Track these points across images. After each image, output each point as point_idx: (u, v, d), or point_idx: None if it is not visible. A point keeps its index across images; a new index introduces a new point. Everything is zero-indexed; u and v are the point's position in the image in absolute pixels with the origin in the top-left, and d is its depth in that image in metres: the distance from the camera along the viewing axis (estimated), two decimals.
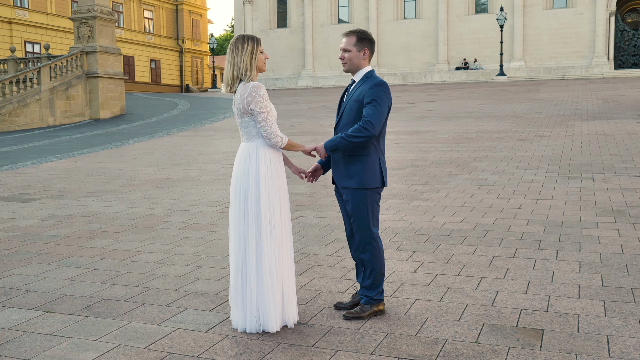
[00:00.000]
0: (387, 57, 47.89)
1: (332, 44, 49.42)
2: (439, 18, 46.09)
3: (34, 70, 24.05)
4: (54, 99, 24.51)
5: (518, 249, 5.53)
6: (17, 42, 38.37)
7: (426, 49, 46.91)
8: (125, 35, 48.69)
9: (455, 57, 46.10)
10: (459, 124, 18.11)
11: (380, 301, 3.95)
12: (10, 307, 4.32)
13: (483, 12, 45.66)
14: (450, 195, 8.37)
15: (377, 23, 48.06)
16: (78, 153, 15.36)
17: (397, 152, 12.99)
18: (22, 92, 23.62)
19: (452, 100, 26.42)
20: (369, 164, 3.82)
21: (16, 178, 11.48)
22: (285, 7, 51.50)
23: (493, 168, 10.57)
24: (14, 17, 38.43)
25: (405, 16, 48.01)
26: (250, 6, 52.16)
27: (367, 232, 3.89)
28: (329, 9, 49.85)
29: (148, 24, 52.03)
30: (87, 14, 25.51)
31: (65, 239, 6.48)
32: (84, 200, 8.85)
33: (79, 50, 25.54)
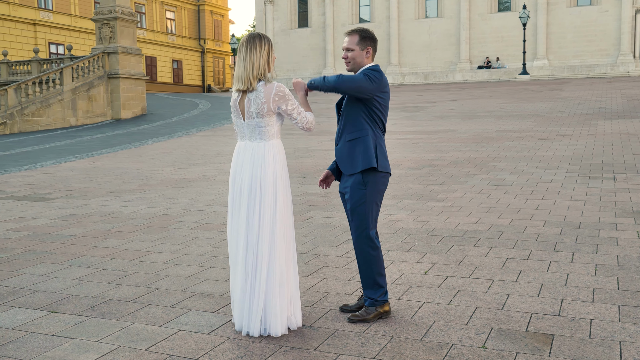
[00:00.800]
0: (409, 56, 47.66)
1: None
2: (461, 16, 45.74)
3: (57, 71, 24.32)
4: (76, 99, 24.75)
5: (533, 251, 5.40)
6: (41, 44, 38.87)
7: (448, 48, 46.58)
8: (148, 36, 49.08)
9: (478, 56, 45.70)
10: (479, 123, 17.91)
11: (385, 302, 3.87)
12: (17, 306, 4.32)
13: (506, 10, 45.21)
14: (467, 196, 8.24)
15: (398, 22, 47.85)
16: (97, 153, 15.47)
17: (415, 152, 12.86)
18: (45, 92, 23.91)
19: (473, 100, 26.16)
20: (367, 144, 3.76)
21: (35, 178, 11.58)
22: (306, 7, 51.51)
23: (512, 168, 10.40)
24: (38, 18, 38.93)
25: (427, 15, 47.72)
26: (271, 6, 52.26)
27: (364, 233, 3.81)
28: (350, 9, 49.75)
29: (170, 24, 52.38)
30: (108, 15, 25.73)
31: (77, 238, 6.49)
32: (100, 200, 8.88)
33: (101, 51, 25.76)
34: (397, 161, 11.75)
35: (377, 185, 3.82)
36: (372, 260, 3.82)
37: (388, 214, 7.25)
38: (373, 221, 3.83)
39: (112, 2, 25.84)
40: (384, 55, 48.30)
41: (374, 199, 3.81)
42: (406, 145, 13.99)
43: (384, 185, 3.86)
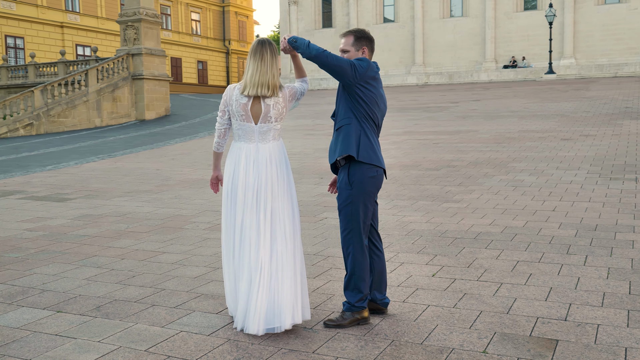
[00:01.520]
0: (433, 56, 47.34)
1: (378, 44, 49.09)
2: (486, 15, 45.29)
3: (82, 73, 24.64)
4: (100, 100, 25.06)
5: (545, 254, 5.31)
6: (68, 46, 39.45)
7: (473, 48, 46.15)
8: (173, 37, 49.51)
9: (503, 55, 45.20)
10: (502, 123, 17.71)
11: (363, 308, 3.79)
12: (24, 306, 4.37)
13: (532, 8, 44.64)
14: (484, 197, 8.14)
15: (422, 22, 47.56)
16: (120, 153, 15.63)
17: (434, 153, 12.76)
18: (71, 94, 24.25)
19: (497, 99, 25.89)
20: (349, 131, 3.71)
21: (57, 178, 11.74)
22: (330, 7, 51.47)
23: (532, 169, 10.26)
24: (65, 21, 39.52)
25: (452, 14, 47.36)
26: (295, 7, 52.33)
27: (350, 234, 3.75)
28: (374, 8, 49.59)
29: (195, 25, 52.78)
30: (133, 17, 26.00)
31: (91, 238, 6.56)
32: (117, 200, 8.97)
33: (125, 52, 26.04)
34: (416, 162, 11.67)
35: (364, 185, 3.71)
36: (356, 263, 3.76)
37: (402, 215, 7.20)
38: (362, 223, 3.74)
39: (137, 4, 26.11)
40: (408, 55, 48.07)
41: (361, 199, 3.72)
42: (426, 146, 13.89)
43: (373, 185, 3.75)
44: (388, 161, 11.92)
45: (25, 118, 23.09)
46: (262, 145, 3.77)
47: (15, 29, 36.55)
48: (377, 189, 3.82)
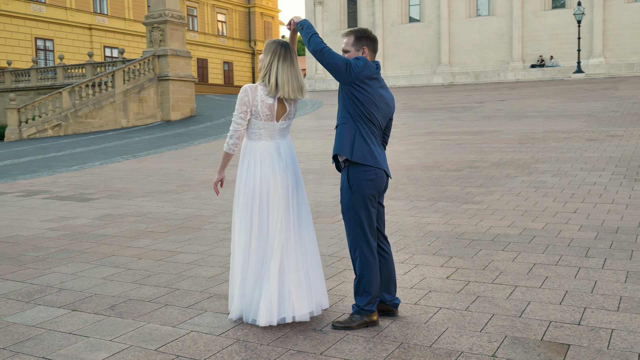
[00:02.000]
0: (459, 55, 46.99)
1: (403, 44, 48.97)
2: (513, 14, 44.81)
3: (109, 74, 24.97)
4: (127, 101, 25.37)
5: (563, 256, 5.24)
6: (96, 47, 40.02)
7: (500, 47, 45.71)
8: (199, 38, 49.92)
9: (531, 54, 44.69)
10: (527, 123, 17.50)
11: (372, 312, 3.76)
12: (41, 304, 4.44)
13: (560, 7, 44.06)
14: (504, 198, 8.06)
15: (448, 21, 47.24)
16: (144, 154, 15.81)
17: (457, 153, 12.67)
18: (98, 95, 24.59)
19: (523, 99, 25.60)
20: (343, 130, 3.71)
21: (81, 178, 11.91)
22: (355, 7, 51.42)
23: (555, 170, 10.12)
24: (94, 23, 40.10)
25: (478, 13, 46.96)
26: (320, 7, 52.39)
27: (355, 239, 3.74)
28: (400, 8, 49.40)
29: (221, 26, 53.16)
30: (158, 19, 26.27)
31: (110, 238, 6.64)
32: (139, 200, 9.07)
33: (151, 53, 26.33)
34: (437, 162, 11.59)
35: (363, 189, 3.67)
36: (364, 266, 3.74)
37: (420, 217, 7.16)
38: (366, 227, 3.72)
39: (163, 5, 26.39)
40: (434, 55, 47.79)
41: (362, 203, 3.69)
42: (449, 147, 13.80)
43: (373, 189, 3.70)
44: (410, 162, 11.87)
45: (54, 119, 23.48)
46: (281, 142, 3.92)
47: (45, 31, 37.19)
48: (378, 192, 3.77)
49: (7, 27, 35.13)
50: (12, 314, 4.24)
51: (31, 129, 23.04)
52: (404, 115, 22.16)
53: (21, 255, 5.95)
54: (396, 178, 10.11)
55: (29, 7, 36.33)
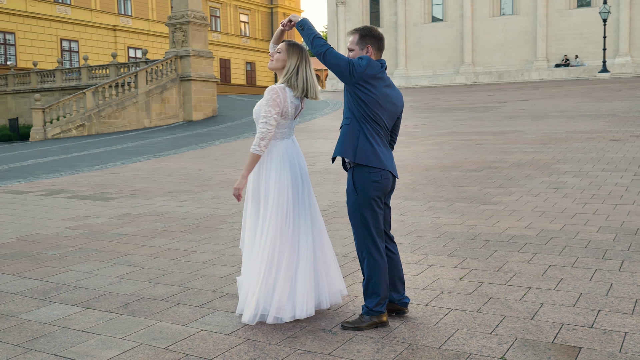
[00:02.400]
0: (482, 55, 46.64)
1: (426, 43, 48.74)
2: (537, 13, 44.37)
3: (132, 75, 25.22)
4: (149, 101, 25.61)
5: (579, 258, 5.17)
6: (120, 48, 40.46)
7: (524, 46, 45.29)
8: (222, 39, 50.20)
9: (555, 53, 44.21)
10: (549, 123, 17.31)
11: (381, 313, 3.74)
12: (56, 302, 4.50)
13: (586, 5, 43.51)
14: (523, 199, 7.98)
15: (472, 20, 46.93)
16: (165, 154, 15.94)
17: (477, 154, 12.57)
18: (121, 95, 24.85)
19: (546, 99, 25.32)
20: (346, 131, 3.70)
21: (102, 177, 12.05)
22: (378, 7, 51.31)
23: (576, 170, 9.99)
24: (118, 24, 40.55)
25: (502, 12, 46.56)
26: (343, 7, 52.36)
27: (362, 240, 3.72)
28: (423, 8, 49.18)
29: (244, 27, 53.41)
30: (181, 20, 26.47)
31: (128, 237, 6.71)
32: (157, 200, 9.15)
33: (174, 54, 26.54)
34: (457, 163, 11.52)
35: (368, 190, 3.66)
36: (371, 268, 3.73)
37: (436, 217, 7.12)
38: (373, 228, 3.70)
39: (185, 6, 26.58)
40: (457, 55, 47.50)
41: (367, 205, 3.67)
42: (469, 147, 13.70)
43: (378, 190, 3.68)
44: (430, 162, 11.81)
45: (78, 119, 23.79)
46: (294, 137, 4.10)
47: (70, 33, 37.70)
48: (384, 193, 3.74)
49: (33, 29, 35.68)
50: (27, 311, 4.30)
51: (55, 129, 23.37)
52: (425, 116, 22.06)
53: (40, 254, 6.04)
54: (415, 178, 10.07)
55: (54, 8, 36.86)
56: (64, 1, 37.50)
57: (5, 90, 31.55)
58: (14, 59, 34.85)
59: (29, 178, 12.45)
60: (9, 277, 5.22)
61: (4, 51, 34.48)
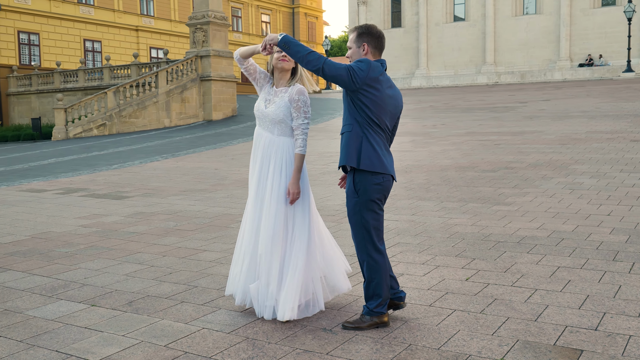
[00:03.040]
0: (505, 54, 46.25)
1: (447, 43, 48.46)
2: (561, 12, 43.88)
3: (152, 75, 25.44)
4: (170, 101, 25.80)
5: (589, 260, 5.09)
6: (142, 48, 40.83)
7: (547, 46, 44.81)
8: (244, 39, 50.41)
9: (579, 53, 43.68)
10: (570, 124, 17.09)
11: (382, 314, 3.73)
12: (63, 299, 4.55)
13: (610, 4, 42.92)
14: (537, 200, 7.89)
15: (494, 20, 46.56)
16: (183, 153, 16.05)
17: (494, 154, 12.46)
18: (142, 95, 25.08)
19: (568, 99, 25.02)
20: (348, 139, 3.65)
21: (120, 176, 12.16)
22: (399, 7, 51.13)
23: (594, 171, 9.85)
24: (140, 24, 40.93)
25: (525, 12, 46.12)
26: (364, 7, 52.28)
27: (362, 242, 3.70)
28: (444, 7, 48.90)
29: (265, 27, 53.57)
30: (201, 20, 26.63)
31: (139, 235, 6.76)
32: (172, 199, 9.21)
33: (194, 54, 26.71)
34: (473, 163, 11.43)
35: (370, 193, 3.63)
36: (372, 270, 3.71)
37: (448, 218, 7.06)
38: (372, 230, 3.68)
39: (206, 7, 26.74)
40: (479, 55, 47.16)
41: (368, 207, 3.65)
42: (487, 147, 13.58)
43: (379, 192, 3.66)
44: (446, 162, 11.73)
45: (99, 118, 24.05)
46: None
47: (93, 33, 38.14)
48: (385, 196, 3.72)
49: (57, 29, 36.16)
50: (34, 308, 4.36)
51: (77, 129, 23.65)
52: (444, 116, 21.93)
53: (51, 251, 6.11)
54: (429, 178, 10.01)
55: (78, 9, 37.31)
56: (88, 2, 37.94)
57: (29, 90, 32.03)
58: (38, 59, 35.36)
59: (48, 177, 12.61)
60: (19, 274, 5.30)
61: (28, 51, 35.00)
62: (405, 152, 13.46)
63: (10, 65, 33.72)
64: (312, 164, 12.65)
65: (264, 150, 4.02)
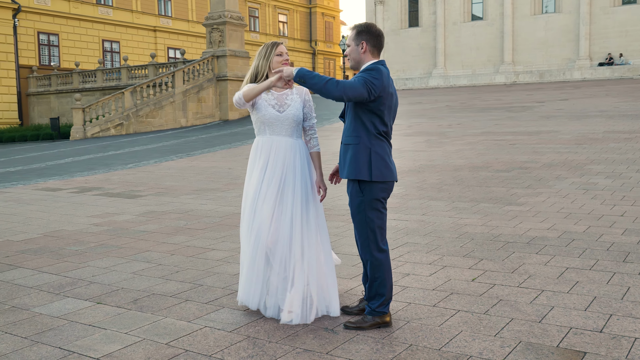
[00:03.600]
0: (523, 54, 45.83)
1: (465, 42, 48.15)
2: (580, 11, 43.36)
3: (169, 75, 25.58)
4: (186, 101, 25.94)
5: (599, 261, 5.03)
6: (160, 49, 41.09)
7: (566, 45, 44.32)
8: (261, 39, 50.52)
9: (599, 52, 43.14)
10: (587, 123, 16.90)
11: (385, 313, 3.71)
12: (70, 296, 4.58)
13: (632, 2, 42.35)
14: (550, 200, 7.81)
15: (512, 19, 46.15)
16: (198, 153, 16.12)
17: (509, 154, 12.36)
18: (158, 95, 25.23)
19: (586, 99, 24.75)
20: (357, 152, 3.62)
21: (134, 176, 12.25)
22: (416, 6, 50.90)
23: (609, 171, 9.73)
24: (158, 25, 41.20)
25: (544, 10, 45.68)
26: (381, 6, 52.11)
27: (366, 242, 3.68)
28: (462, 6, 48.59)
29: (282, 27, 53.65)
30: (218, 20, 26.73)
31: (149, 234, 6.80)
32: (183, 198, 9.25)
33: (210, 54, 26.82)
34: (487, 163, 11.34)
35: (375, 192, 3.64)
36: (376, 269, 3.69)
37: (458, 218, 7.02)
38: (377, 228, 3.67)
39: (222, 7, 26.84)
40: (496, 54, 46.80)
41: (373, 205, 3.65)
42: (501, 147, 13.47)
43: (384, 192, 3.68)
44: (460, 162, 11.66)
45: (116, 118, 24.24)
46: None
47: (112, 34, 38.46)
48: (389, 194, 3.74)
49: (76, 30, 36.50)
50: (40, 305, 4.40)
51: (95, 128, 23.86)
52: (461, 115, 21.79)
53: (62, 249, 6.16)
54: (442, 178, 9.95)
55: (97, 10, 37.64)
56: (106, 3, 38.26)
57: (49, 90, 32.39)
58: (58, 60, 35.73)
59: (64, 176, 12.73)
60: (28, 271, 5.35)
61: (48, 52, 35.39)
62: (420, 152, 13.40)
63: (30, 65, 34.12)
64: (326, 163, 12.63)
65: (285, 155, 3.91)
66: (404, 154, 13.26)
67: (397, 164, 11.91)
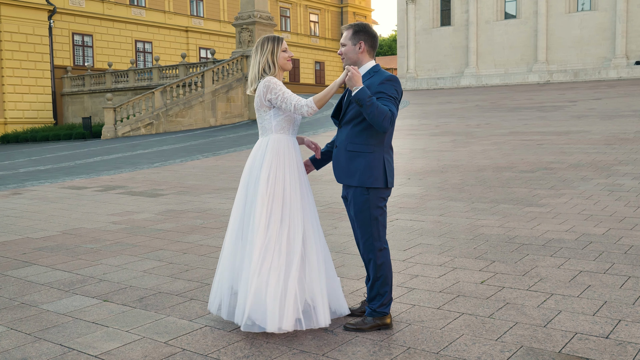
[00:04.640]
0: (557, 53, 45.05)
1: (498, 41, 47.54)
2: (617, 8, 42.44)
3: (199, 75, 25.80)
4: (215, 101, 26.13)
5: (614, 265, 4.89)
6: (192, 49, 41.48)
7: (601, 43, 43.42)
8: (292, 39, 50.64)
9: (636, 50, 42.15)
10: (619, 123, 16.52)
11: (385, 314, 3.66)
12: (78, 294, 4.64)
13: None
14: (572, 202, 7.64)
15: (546, 17, 45.40)
16: (224, 152, 16.21)
17: (535, 154, 12.14)
18: (188, 94, 25.47)
19: (620, 98, 24.20)
20: (371, 161, 3.58)
21: (159, 175, 12.37)
22: (449, 5, 50.42)
23: (637, 172, 9.49)
24: (190, 25, 41.60)
25: (580, 8, 44.83)
26: (413, 5, 51.76)
27: (370, 241, 3.64)
28: (495, 4, 47.97)
29: (313, 26, 53.68)
30: (247, 20, 26.87)
31: (165, 232, 6.85)
32: (204, 197, 9.30)
33: (240, 54, 26.97)
34: (512, 163, 11.16)
35: (380, 192, 3.64)
36: (378, 269, 3.64)
37: (476, 219, 6.91)
38: (381, 227, 3.64)
39: (251, 7, 26.96)
40: (530, 53, 46.09)
41: (378, 203, 3.63)
42: (528, 147, 13.25)
43: (388, 191, 3.70)
44: (484, 162, 11.50)
45: (146, 118, 24.54)
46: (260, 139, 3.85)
47: (144, 34, 38.96)
48: (389, 194, 3.74)
49: (109, 31, 37.07)
50: (48, 302, 4.45)
51: (125, 127, 24.19)
52: (490, 115, 21.51)
53: (78, 247, 6.25)
54: (464, 179, 9.82)
55: (130, 11, 38.17)
56: (139, 4, 38.77)
57: (82, 90, 32.95)
58: (91, 60, 36.33)
59: (91, 174, 12.93)
60: (42, 268, 5.43)
61: (82, 53, 36.01)
62: (445, 152, 13.25)
63: (64, 66, 34.76)
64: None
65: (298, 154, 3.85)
66: (428, 154, 13.13)
67: (421, 163, 11.81)
